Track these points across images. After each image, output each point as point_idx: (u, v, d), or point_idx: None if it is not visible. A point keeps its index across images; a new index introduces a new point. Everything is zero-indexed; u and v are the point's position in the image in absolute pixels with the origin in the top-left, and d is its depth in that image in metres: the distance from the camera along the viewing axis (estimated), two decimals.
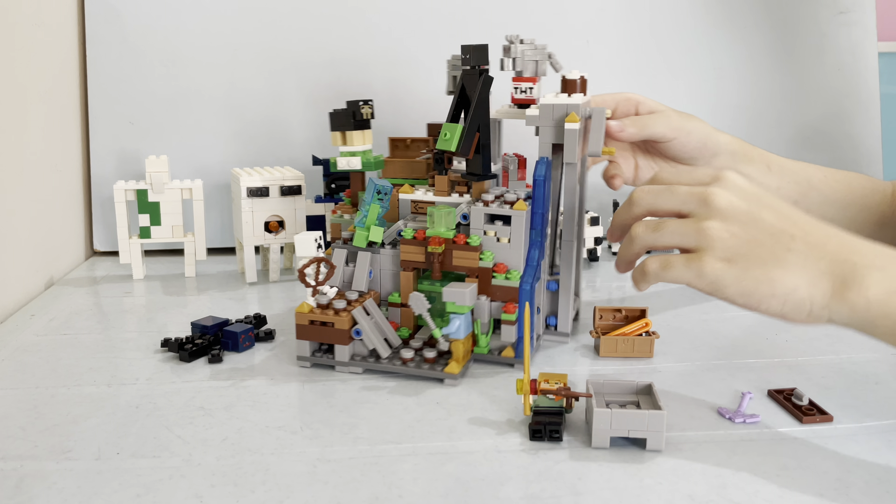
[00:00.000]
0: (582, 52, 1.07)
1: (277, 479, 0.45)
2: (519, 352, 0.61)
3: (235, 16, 1.00)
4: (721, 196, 0.48)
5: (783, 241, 0.47)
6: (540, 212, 0.61)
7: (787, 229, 0.47)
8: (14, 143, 0.79)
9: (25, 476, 0.45)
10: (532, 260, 0.61)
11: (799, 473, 0.46)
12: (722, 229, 0.47)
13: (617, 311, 0.66)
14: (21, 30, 0.81)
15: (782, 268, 0.46)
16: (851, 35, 1.12)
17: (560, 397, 0.51)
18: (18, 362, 0.63)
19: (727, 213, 0.48)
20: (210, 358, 0.63)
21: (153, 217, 0.86)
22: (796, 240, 0.47)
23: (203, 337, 0.65)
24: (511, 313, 0.60)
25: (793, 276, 0.46)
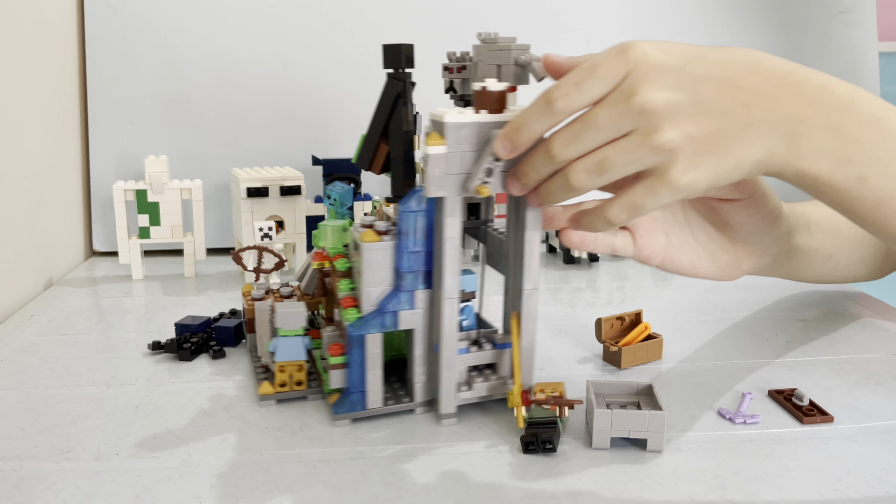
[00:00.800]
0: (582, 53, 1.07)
1: (277, 479, 0.45)
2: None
3: (235, 16, 1.00)
4: (654, 97, 0.40)
5: (740, 116, 0.40)
6: (408, 251, 0.50)
7: (736, 98, 0.41)
8: (14, 143, 0.79)
9: (25, 476, 0.45)
10: (385, 305, 0.51)
11: (799, 474, 0.46)
12: (678, 136, 0.40)
13: (618, 318, 0.66)
14: (21, 29, 0.81)
15: (745, 146, 0.41)
16: (852, 35, 1.12)
17: (554, 407, 0.50)
18: (18, 363, 0.62)
19: (671, 113, 0.40)
20: (213, 354, 0.63)
21: (152, 217, 0.86)
22: (750, 107, 0.41)
23: (197, 335, 0.65)
24: (334, 355, 0.52)
25: (755, 152, 0.41)
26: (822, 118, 0.40)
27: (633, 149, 0.40)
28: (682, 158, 0.40)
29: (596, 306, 0.79)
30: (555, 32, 1.07)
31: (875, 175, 0.39)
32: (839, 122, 0.40)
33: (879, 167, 0.39)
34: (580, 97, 0.41)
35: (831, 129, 0.40)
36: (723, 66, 0.41)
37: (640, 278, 0.90)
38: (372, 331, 0.51)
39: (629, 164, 0.41)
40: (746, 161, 0.41)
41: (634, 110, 0.40)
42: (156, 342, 0.65)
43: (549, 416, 0.49)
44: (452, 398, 0.52)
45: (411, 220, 0.50)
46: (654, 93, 0.40)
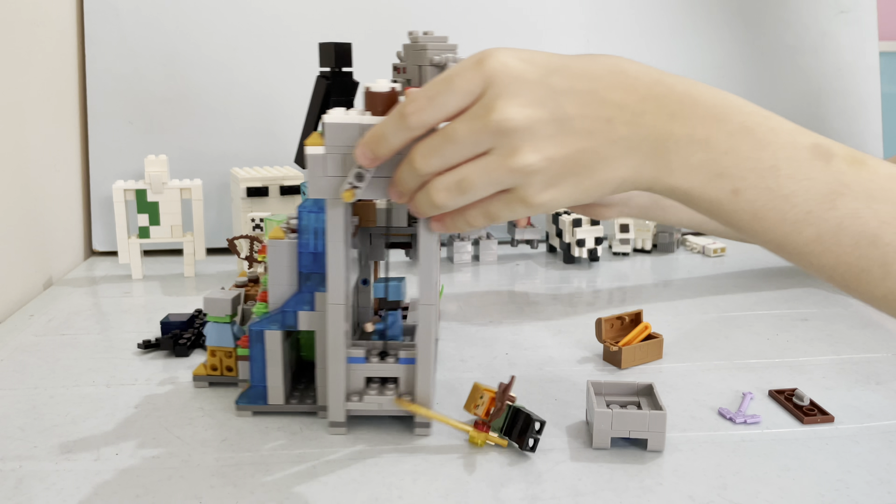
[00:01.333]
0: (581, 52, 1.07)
1: (277, 480, 0.45)
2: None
3: (235, 16, 1.00)
4: (512, 114, 0.37)
5: (603, 133, 0.38)
6: (307, 251, 0.50)
7: (599, 114, 0.38)
8: (14, 142, 0.79)
9: (25, 476, 0.45)
10: (289, 304, 0.50)
11: (800, 474, 0.46)
12: (538, 160, 0.38)
13: (618, 318, 0.66)
14: (21, 29, 0.81)
15: (609, 165, 0.39)
16: (852, 35, 1.12)
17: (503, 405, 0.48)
18: (17, 363, 0.62)
19: (530, 133, 0.38)
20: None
21: (152, 217, 0.86)
22: (614, 123, 0.38)
23: (189, 331, 0.66)
24: (242, 347, 0.53)
25: (619, 170, 0.39)
26: (689, 131, 0.38)
27: (491, 170, 0.39)
28: (541, 181, 0.39)
29: (596, 306, 0.79)
30: (555, 32, 1.07)
31: (749, 187, 0.37)
32: (707, 134, 0.38)
33: (753, 179, 0.37)
34: (435, 112, 0.39)
35: (700, 143, 0.38)
36: (586, 77, 0.39)
37: (640, 278, 0.90)
38: (271, 328, 0.51)
39: (488, 185, 0.39)
40: (611, 180, 0.39)
41: (492, 128, 0.38)
42: (146, 341, 0.65)
43: (511, 414, 0.49)
44: (341, 407, 0.50)
45: (310, 220, 0.49)
46: (513, 109, 0.37)
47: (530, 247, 1.01)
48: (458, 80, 0.38)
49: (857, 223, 0.36)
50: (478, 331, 0.71)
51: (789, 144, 0.37)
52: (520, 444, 0.48)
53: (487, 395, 0.49)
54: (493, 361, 0.63)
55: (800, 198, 0.36)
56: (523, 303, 0.80)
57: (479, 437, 0.48)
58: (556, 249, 1.01)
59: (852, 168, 0.37)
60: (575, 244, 0.92)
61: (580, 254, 0.93)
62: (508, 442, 0.49)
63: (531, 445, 0.48)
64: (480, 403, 0.49)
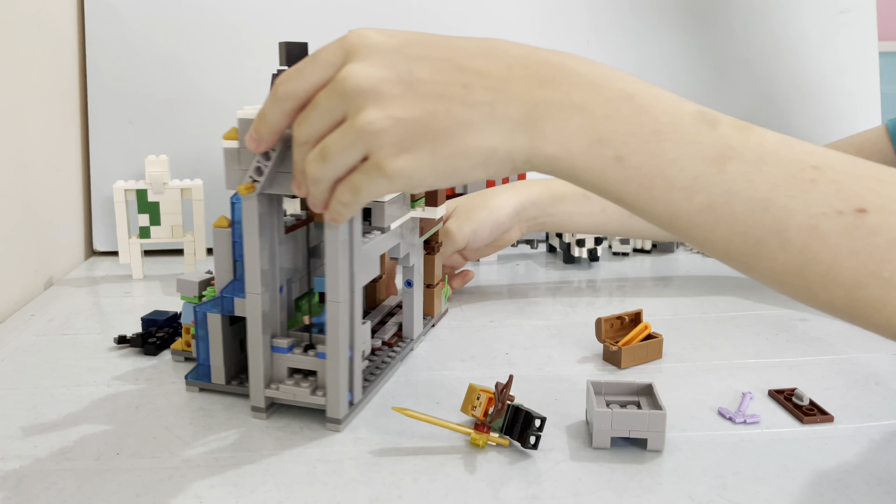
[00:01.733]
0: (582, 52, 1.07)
1: (277, 480, 0.45)
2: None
3: (235, 16, 1.00)
4: (356, 76, 0.37)
5: (457, 96, 0.37)
6: (239, 241, 0.52)
7: (455, 79, 0.37)
8: (14, 142, 0.79)
9: (25, 476, 0.45)
10: (227, 290, 0.53)
11: (799, 474, 0.46)
12: (381, 117, 0.36)
13: (618, 318, 0.66)
14: (21, 30, 0.81)
15: (471, 132, 0.37)
16: (851, 35, 1.12)
17: (503, 405, 0.48)
18: (18, 362, 0.62)
19: (375, 92, 0.37)
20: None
21: (153, 217, 0.86)
22: (472, 88, 0.37)
23: (163, 330, 0.66)
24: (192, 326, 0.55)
25: (485, 138, 0.37)
26: (563, 96, 0.36)
27: (343, 133, 0.38)
28: (390, 142, 0.37)
29: (596, 306, 0.79)
30: (554, 33, 1.07)
31: (633, 153, 0.35)
32: (584, 99, 0.36)
33: (637, 144, 0.35)
34: (301, 82, 0.39)
35: (576, 107, 0.36)
36: (447, 48, 0.37)
37: (640, 278, 0.90)
38: (212, 311, 0.53)
39: (344, 150, 0.38)
40: (476, 149, 0.37)
41: (339, 89, 0.37)
42: (121, 336, 0.65)
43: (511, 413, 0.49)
44: (261, 393, 0.51)
45: (238, 210, 0.51)
46: (359, 70, 0.37)
47: (530, 247, 1.01)
48: (322, 52, 0.39)
49: (748, 187, 0.34)
50: (478, 331, 0.71)
51: (672, 110, 0.36)
52: (521, 443, 0.48)
53: (484, 396, 0.49)
54: (493, 361, 0.63)
55: (686, 162, 0.35)
56: (523, 303, 0.80)
57: (480, 439, 0.48)
58: (555, 249, 1.01)
59: (740, 133, 0.35)
60: (575, 244, 0.92)
61: (580, 254, 0.93)
62: (510, 441, 0.49)
63: (533, 443, 0.48)
64: (478, 404, 0.49)
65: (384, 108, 0.36)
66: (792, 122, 1.12)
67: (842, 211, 0.32)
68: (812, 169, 0.33)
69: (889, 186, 0.33)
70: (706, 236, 0.35)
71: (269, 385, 0.52)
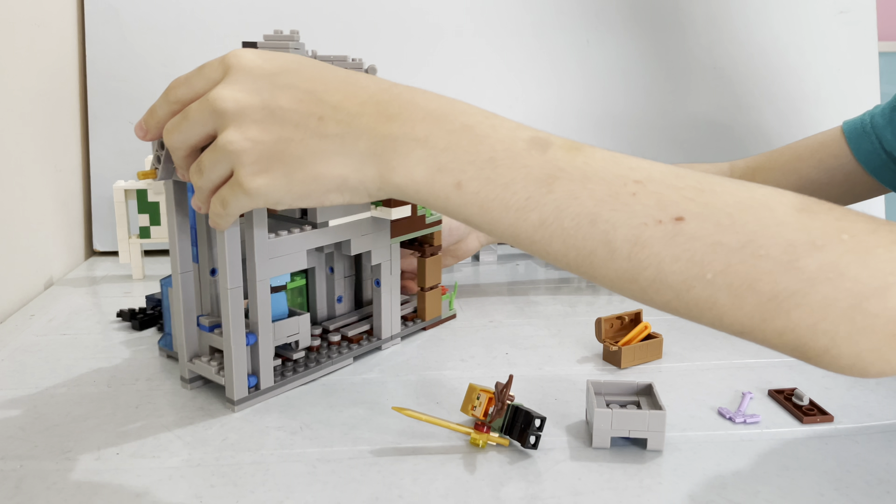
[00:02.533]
0: (582, 52, 1.07)
1: (277, 479, 0.45)
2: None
3: (235, 16, 1.00)
4: (224, 97, 0.40)
5: (311, 127, 0.40)
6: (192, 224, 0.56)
7: (312, 111, 0.40)
8: (14, 143, 0.79)
9: (25, 476, 0.45)
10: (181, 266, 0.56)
11: (799, 474, 0.46)
12: (239, 139, 0.40)
13: (618, 318, 0.66)
14: (21, 30, 0.81)
15: (321, 160, 0.40)
16: (851, 35, 1.12)
17: (503, 405, 0.48)
18: (18, 362, 0.62)
19: (238, 115, 0.40)
20: (159, 327, 0.69)
21: (153, 217, 0.86)
22: (326, 121, 0.40)
23: (155, 308, 0.71)
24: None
25: (336, 167, 0.40)
26: (408, 130, 0.39)
27: (211, 150, 0.41)
28: (248, 162, 0.40)
29: (596, 306, 0.79)
30: (555, 33, 1.07)
31: (470, 179, 0.38)
32: (427, 133, 0.39)
33: (473, 171, 0.38)
34: (187, 89, 0.43)
35: (419, 141, 0.39)
36: (313, 80, 0.41)
37: None
38: (170, 286, 0.58)
39: (213, 166, 0.42)
40: (327, 176, 0.40)
41: (207, 106, 0.41)
42: (121, 310, 0.72)
43: (511, 413, 0.49)
44: (185, 365, 0.57)
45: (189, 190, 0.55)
46: (228, 93, 0.40)
47: None
48: (207, 67, 0.43)
49: (575, 204, 0.36)
50: (478, 331, 0.71)
51: (507, 138, 0.38)
52: (521, 442, 0.48)
53: (484, 396, 0.49)
54: (493, 361, 0.63)
55: (518, 185, 0.37)
56: (523, 303, 0.80)
57: (480, 439, 0.48)
58: None
59: (568, 154, 0.37)
60: None
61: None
62: (510, 441, 0.49)
63: (533, 443, 0.48)
64: (478, 404, 0.49)
65: (244, 131, 0.40)
66: (792, 122, 1.12)
67: (661, 220, 0.35)
68: (634, 183, 0.36)
69: (707, 195, 0.35)
70: (546, 250, 0.38)
71: (192, 359, 0.56)
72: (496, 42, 1.05)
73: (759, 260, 0.34)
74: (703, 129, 1.10)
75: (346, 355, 0.62)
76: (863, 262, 0.33)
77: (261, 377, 0.55)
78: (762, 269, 0.34)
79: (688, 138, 1.10)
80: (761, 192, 0.36)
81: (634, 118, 1.09)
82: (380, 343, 0.65)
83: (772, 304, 0.34)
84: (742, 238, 0.34)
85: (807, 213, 0.34)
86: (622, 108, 1.08)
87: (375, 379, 0.60)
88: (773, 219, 0.34)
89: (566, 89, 1.07)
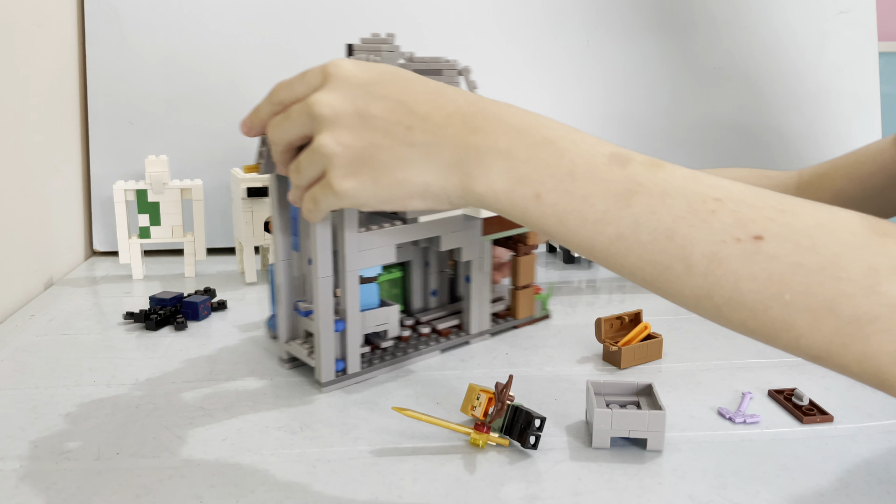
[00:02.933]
0: (582, 52, 1.07)
1: (277, 480, 0.45)
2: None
3: (235, 15, 1.00)
4: (322, 103, 0.43)
5: (399, 136, 0.42)
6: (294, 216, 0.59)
7: (401, 120, 0.42)
8: (14, 142, 0.79)
9: (25, 476, 0.45)
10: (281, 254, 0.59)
11: (799, 474, 0.46)
12: (333, 143, 0.42)
13: (618, 318, 0.66)
14: (21, 30, 0.81)
15: (407, 167, 0.42)
16: (851, 35, 1.12)
17: (503, 405, 0.48)
18: (18, 362, 0.62)
19: (333, 120, 0.42)
20: (176, 326, 0.70)
21: (153, 217, 0.86)
22: (414, 130, 0.42)
23: (164, 308, 0.71)
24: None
25: (420, 174, 0.42)
26: (491, 143, 0.40)
27: (307, 151, 0.44)
28: (340, 165, 0.42)
29: (596, 306, 0.79)
30: (554, 33, 1.07)
31: (549, 191, 0.39)
32: (509, 145, 0.40)
33: (552, 183, 0.39)
34: (289, 93, 0.45)
35: (501, 153, 0.40)
36: (405, 91, 0.43)
37: None
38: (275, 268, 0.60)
39: (308, 166, 0.44)
40: (412, 182, 0.42)
41: (306, 110, 0.43)
42: (129, 312, 0.72)
43: (511, 413, 0.49)
44: (283, 345, 0.61)
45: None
46: (326, 99, 0.43)
47: None
48: (308, 73, 0.45)
49: (653, 219, 0.37)
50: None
51: (587, 152, 0.39)
52: (521, 443, 0.48)
53: (484, 396, 0.49)
54: (493, 361, 0.63)
55: (597, 198, 0.38)
56: None
57: (480, 439, 0.48)
58: (555, 249, 1.01)
59: (648, 170, 0.38)
60: None
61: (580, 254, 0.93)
62: (510, 441, 0.49)
63: (533, 443, 0.48)
64: (478, 404, 0.49)
65: (337, 136, 0.42)
66: (792, 123, 1.12)
67: (740, 238, 0.35)
68: (713, 201, 0.36)
69: (787, 215, 0.35)
70: (622, 263, 0.38)
71: (288, 341, 0.60)
72: (496, 42, 1.05)
73: (839, 283, 0.33)
74: (703, 128, 1.10)
75: (434, 348, 0.64)
76: None
77: (348, 362, 0.58)
78: (842, 291, 0.33)
79: (688, 138, 1.10)
80: (842, 214, 0.35)
81: (635, 118, 1.09)
82: (468, 338, 0.67)
83: (851, 327, 0.33)
84: (822, 260, 0.34)
85: (889, 237, 0.34)
86: (622, 109, 1.08)
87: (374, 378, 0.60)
88: (855, 242, 0.34)
89: (566, 89, 1.07)
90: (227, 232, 1.01)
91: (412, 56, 0.61)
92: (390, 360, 0.61)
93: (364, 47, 0.57)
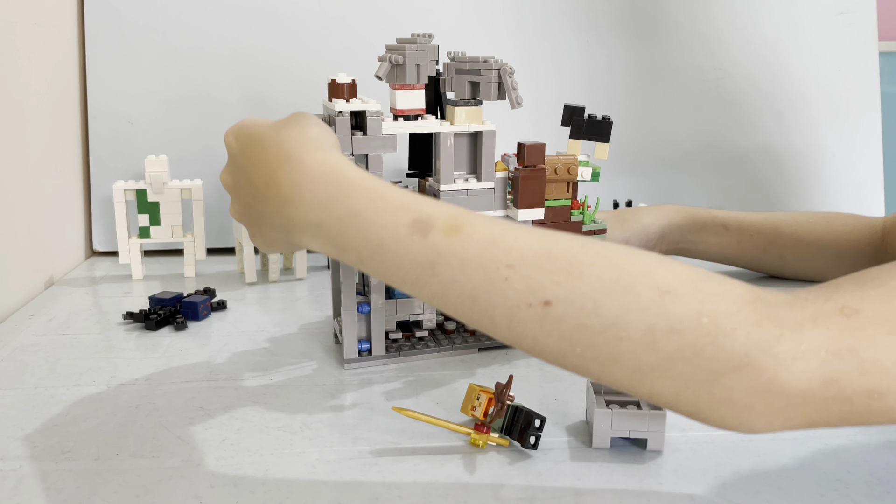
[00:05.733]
0: (582, 52, 1.07)
1: (277, 479, 0.45)
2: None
3: (235, 15, 1.00)
4: (223, 177, 0.52)
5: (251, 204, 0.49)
6: None
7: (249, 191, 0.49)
8: (14, 142, 0.79)
9: (25, 476, 0.45)
10: None
11: (799, 474, 0.46)
12: (232, 210, 0.52)
13: None
14: (21, 30, 0.81)
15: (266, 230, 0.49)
16: (851, 35, 1.12)
17: (503, 405, 0.48)
18: (18, 362, 0.62)
19: (230, 192, 0.51)
20: (175, 326, 0.70)
21: (153, 217, 0.86)
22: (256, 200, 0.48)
23: (164, 308, 0.72)
24: None
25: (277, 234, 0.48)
26: (302, 216, 0.45)
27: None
28: (247, 226, 0.51)
29: None
30: (554, 33, 1.07)
31: (367, 259, 0.43)
32: (319, 219, 0.44)
33: (367, 254, 0.43)
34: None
35: (313, 226, 0.45)
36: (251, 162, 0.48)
37: None
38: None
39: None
40: (277, 240, 0.49)
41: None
42: (129, 312, 0.72)
43: (511, 413, 0.49)
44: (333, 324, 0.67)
45: None
46: (224, 174, 0.51)
47: None
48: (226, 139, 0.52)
49: (456, 287, 0.40)
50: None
51: (390, 224, 0.42)
52: (521, 443, 0.48)
53: (484, 396, 0.49)
54: (493, 361, 0.63)
55: (407, 268, 0.42)
56: None
57: (480, 439, 0.48)
58: None
59: (448, 238, 0.41)
60: None
61: None
62: (510, 441, 0.49)
63: (533, 443, 0.48)
64: (478, 405, 0.49)
65: (233, 205, 0.52)
66: (792, 123, 1.12)
67: (531, 304, 0.39)
68: (506, 268, 0.39)
69: (574, 278, 0.38)
70: (449, 311, 0.42)
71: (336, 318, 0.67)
72: (496, 42, 1.05)
73: (620, 342, 0.37)
74: (704, 129, 1.10)
75: (473, 345, 0.65)
76: (718, 345, 0.35)
77: (372, 344, 0.61)
78: (623, 348, 0.37)
79: (688, 138, 1.10)
80: (631, 272, 0.38)
81: (635, 118, 1.09)
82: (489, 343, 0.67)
83: (637, 375, 0.37)
84: (605, 322, 0.37)
85: (671, 295, 0.37)
86: (623, 109, 1.08)
87: (375, 378, 0.60)
88: (636, 304, 0.37)
89: (566, 90, 1.07)
90: (227, 232, 1.01)
91: (456, 55, 0.61)
92: (421, 349, 0.63)
93: (395, 47, 0.59)
